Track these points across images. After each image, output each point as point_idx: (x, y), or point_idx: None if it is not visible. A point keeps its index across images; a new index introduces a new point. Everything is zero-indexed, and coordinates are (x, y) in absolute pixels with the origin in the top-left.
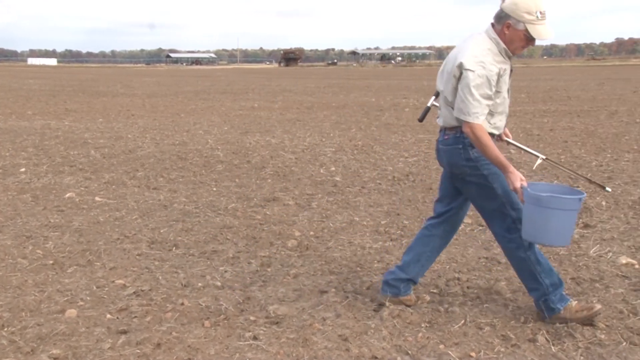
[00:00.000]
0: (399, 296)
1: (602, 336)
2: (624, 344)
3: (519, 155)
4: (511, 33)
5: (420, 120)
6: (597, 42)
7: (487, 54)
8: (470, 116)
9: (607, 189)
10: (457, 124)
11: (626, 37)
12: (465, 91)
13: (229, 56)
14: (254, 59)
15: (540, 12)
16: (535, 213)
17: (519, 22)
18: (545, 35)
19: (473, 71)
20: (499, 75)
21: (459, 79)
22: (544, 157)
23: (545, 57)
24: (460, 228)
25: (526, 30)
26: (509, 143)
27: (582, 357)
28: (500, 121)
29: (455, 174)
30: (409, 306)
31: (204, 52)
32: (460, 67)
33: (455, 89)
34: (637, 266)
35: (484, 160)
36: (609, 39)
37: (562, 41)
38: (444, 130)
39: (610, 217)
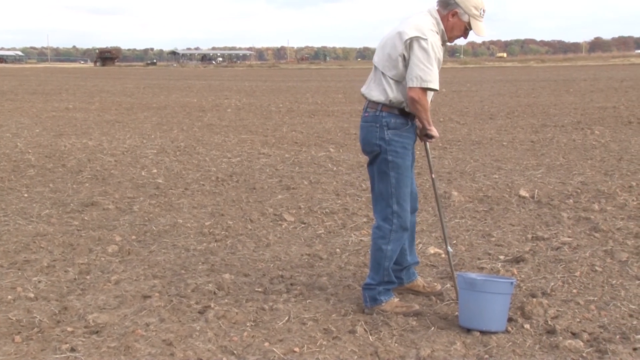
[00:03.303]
0: (405, 283)
1: (414, 323)
2: (433, 328)
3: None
4: (455, 21)
5: None
6: None
7: (432, 28)
8: (428, 82)
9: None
10: (381, 100)
11: None
12: (423, 58)
13: (39, 54)
14: (67, 58)
15: (483, 10)
16: (471, 298)
17: (465, 14)
18: (484, 32)
19: (426, 39)
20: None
21: (408, 50)
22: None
23: (359, 59)
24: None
25: (469, 23)
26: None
27: (396, 344)
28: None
29: (366, 152)
30: (417, 292)
31: (8, 49)
32: (410, 38)
33: (397, 62)
34: (443, 255)
35: (394, 146)
36: None
37: (374, 44)
38: (366, 106)
39: (420, 210)
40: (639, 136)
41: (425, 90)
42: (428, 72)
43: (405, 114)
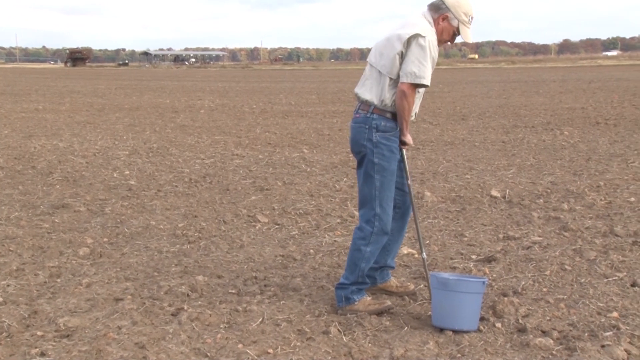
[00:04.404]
0: (378, 284)
1: (388, 323)
2: (406, 328)
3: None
4: (445, 25)
5: None
6: None
7: (431, 28)
8: (421, 78)
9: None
10: (373, 102)
11: None
12: (419, 55)
13: (7, 55)
14: (37, 58)
15: (472, 17)
16: (443, 298)
17: (454, 19)
18: (471, 38)
19: (424, 37)
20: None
21: (406, 47)
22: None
23: (332, 60)
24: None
25: (457, 28)
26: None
27: (370, 344)
28: (416, 106)
29: (354, 152)
30: (390, 293)
31: None
32: (409, 36)
33: (394, 60)
34: (416, 255)
35: (381, 148)
36: None
37: (347, 45)
38: (358, 107)
39: None
40: (606, 137)
41: (415, 87)
42: (422, 69)
43: (396, 118)
